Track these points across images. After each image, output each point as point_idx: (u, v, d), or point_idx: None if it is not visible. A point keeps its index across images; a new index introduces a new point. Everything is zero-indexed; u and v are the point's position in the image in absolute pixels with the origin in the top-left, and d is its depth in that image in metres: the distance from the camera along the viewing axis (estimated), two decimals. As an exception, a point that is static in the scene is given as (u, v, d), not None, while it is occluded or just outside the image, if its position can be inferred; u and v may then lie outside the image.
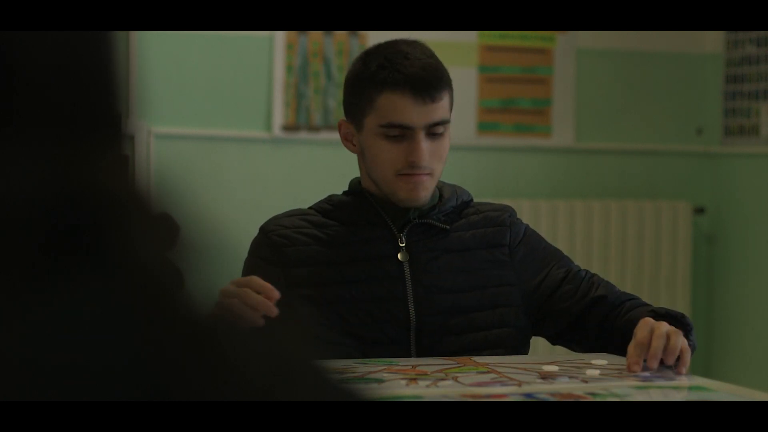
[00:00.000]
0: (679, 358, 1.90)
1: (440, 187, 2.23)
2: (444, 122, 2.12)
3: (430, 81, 2.09)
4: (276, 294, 1.80)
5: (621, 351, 1.98)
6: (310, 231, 2.16)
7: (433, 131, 2.11)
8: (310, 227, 2.16)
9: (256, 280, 1.82)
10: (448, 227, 2.18)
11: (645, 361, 1.90)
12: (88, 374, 0.51)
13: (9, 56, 0.54)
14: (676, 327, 1.94)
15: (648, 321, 1.93)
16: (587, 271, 2.22)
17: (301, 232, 2.16)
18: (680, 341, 1.89)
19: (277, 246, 2.14)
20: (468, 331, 2.13)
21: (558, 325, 2.18)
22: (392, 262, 2.14)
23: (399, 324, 2.10)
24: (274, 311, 1.77)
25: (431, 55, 2.13)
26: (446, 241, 2.18)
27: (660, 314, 2.02)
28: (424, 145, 2.09)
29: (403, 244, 2.15)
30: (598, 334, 2.13)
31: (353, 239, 2.15)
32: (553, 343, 2.25)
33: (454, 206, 2.20)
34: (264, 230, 2.18)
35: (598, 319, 2.14)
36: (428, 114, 2.09)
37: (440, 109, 2.10)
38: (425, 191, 2.12)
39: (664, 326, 1.90)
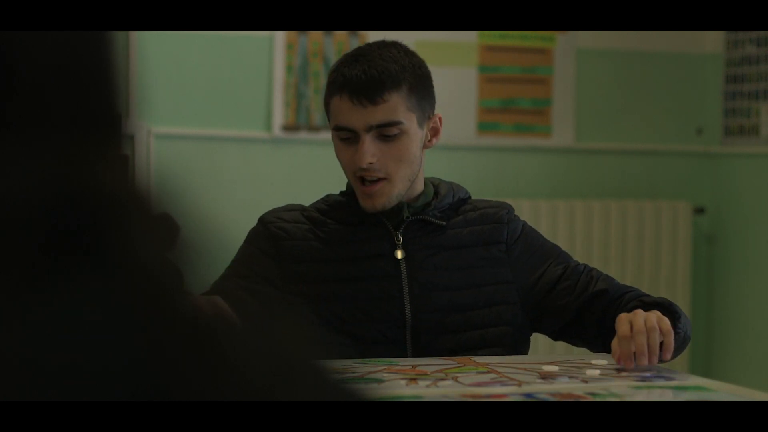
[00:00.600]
0: (662, 344, 1.90)
1: (437, 184, 2.23)
2: (393, 123, 2.08)
3: (367, 83, 2.06)
4: None
5: None
6: (309, 227, 2.16)
7: (384, 133, 2.08)
8: (308, 224, 2.17)
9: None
10: (444, 224, 2.18)
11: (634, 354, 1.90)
12: (88, 374, 0.51)
13: (9, 56, 0.54)
14: (664, 315, 1.93)
15: (624, 317, 1.92)
16: (585, 266, 2.21)
17: (300, 227, 2.16)
18: (656, 335, 1.88)
19: (275, 238, 2.14)
20: (465, 329, 2.13)
21: (557, 322, 2.18)
22: (389, 260, 2.14)
23: (395, 322, 2.10)
24: None
25: (389, 58, 2.09)
26: (443, 238, 2.17)
27: (648, 303, 2.02)
28: (369, 147, 2.07)
29: (400, 242, 2.15)
30: (598, 328, 2.12)
31: (351, 238, 2.15)
32: (555, 339, 2.24)
33: (450, 203, 2.20)
34: (263, 221, 2.18)
35: (597, 314, 2.13)
36: (369, 116, 2.07)
37: (384, 111, 2.07)
38: (382, 197, 2.11)
39: (640, 319, 1.90)
